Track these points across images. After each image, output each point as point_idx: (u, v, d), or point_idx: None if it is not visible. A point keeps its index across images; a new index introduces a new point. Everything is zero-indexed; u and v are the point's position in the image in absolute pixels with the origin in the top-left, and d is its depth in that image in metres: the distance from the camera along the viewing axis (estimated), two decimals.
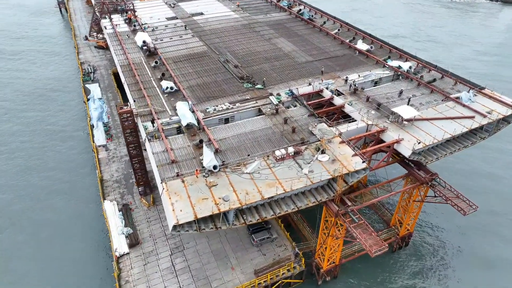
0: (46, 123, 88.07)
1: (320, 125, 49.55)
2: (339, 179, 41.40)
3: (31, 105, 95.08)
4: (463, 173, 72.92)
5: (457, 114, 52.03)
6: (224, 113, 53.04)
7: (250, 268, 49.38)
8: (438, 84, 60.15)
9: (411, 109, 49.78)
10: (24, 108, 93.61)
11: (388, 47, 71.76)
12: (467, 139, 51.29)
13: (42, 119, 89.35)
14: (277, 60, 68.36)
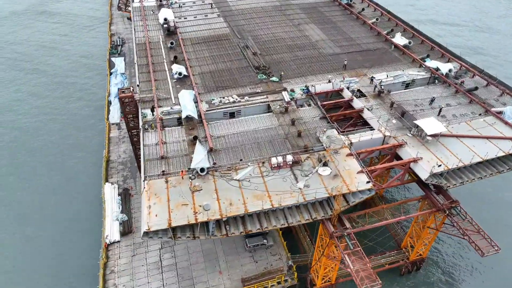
0: (66, 92, 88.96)
1: (329, 131, 44.43)
2: (337, 199, 36.74)
3: (60, 71, 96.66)
4: (493, 201, 63.34)
5: (495, 133, 44.59)
6: (229, 107, 49.21)
7: (239, 274, 46.66)
8: (480, 93, 52.07)
9: (437, 123, 43.06)
10: (52, 73, 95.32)
11: (430, 43, 63.27)
12: (504, 163, 44.04)
13: (63, 87, 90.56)
14: (300, 50, 62.62)
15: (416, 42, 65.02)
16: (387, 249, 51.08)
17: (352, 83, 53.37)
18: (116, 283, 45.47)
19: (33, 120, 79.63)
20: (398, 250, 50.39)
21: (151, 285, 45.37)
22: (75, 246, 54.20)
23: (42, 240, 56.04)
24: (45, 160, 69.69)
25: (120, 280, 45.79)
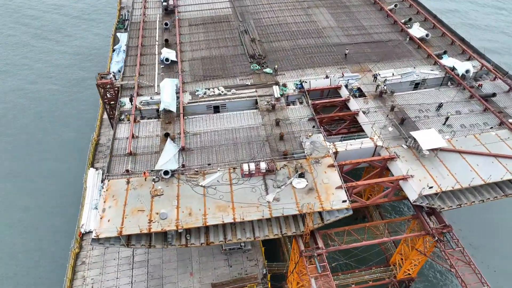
0: (64, 66, 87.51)
1: (315, 136, 40.22)
2: (307, 218, 33.12)
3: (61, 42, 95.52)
4: (495, 227, 55.75)
5: (506, 151, 38.90)
6: (214, 100, 45.69)
7: (210, 278, 44.47)
8: (500, 101, 45.72)
9: (437, 136, 37.82)
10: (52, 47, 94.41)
11: (451, 36, 56.19)
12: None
13: (63, 61, 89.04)
14: (304, 38, 57.28)
15: (436, 34, 58.04)
16: (376, 263, 47.26)
17: (352, 80, 48.15)
18: (85, 276, 44.49)
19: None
20: (386, 267, 46.46)
21: (119, 281, 44.01)
22: (53, 233, 53.74)
23: (22, 225, 55.85)
24: (35, 138, 69.08)
25: (89, 273, 44.72)
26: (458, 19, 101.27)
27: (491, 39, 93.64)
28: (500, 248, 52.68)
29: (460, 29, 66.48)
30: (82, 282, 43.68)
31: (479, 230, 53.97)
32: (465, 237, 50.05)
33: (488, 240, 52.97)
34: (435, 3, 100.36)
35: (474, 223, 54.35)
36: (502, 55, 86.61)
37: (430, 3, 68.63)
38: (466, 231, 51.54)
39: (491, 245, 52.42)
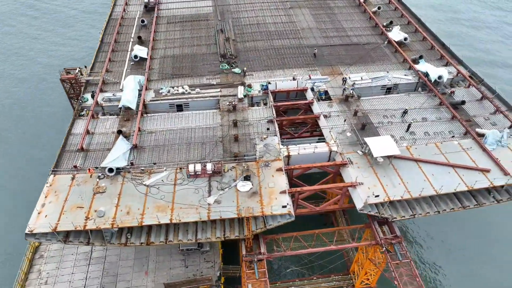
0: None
1: (270, 138, 39.40)
2: (246, 222, 32.40)
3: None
4: (460, 235, 52.75)
5: (465, 161, 37.34)
6: (176, 98, 45.30)
7: (165, 277, 44.03)
8: (469, 108, 44.06)
9: (391, 143, 36.52)
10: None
11: (431, 41, 54.52)
12: (474, 196, 37.05)
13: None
14: (280, 38, 56.40)
15: (417, 38, 56.48)
16: (336, 270, 46.09)
17: (320, 83, 47.10)
18: (41, 269, 44.66)
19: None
20: (346, 275, 45.27)
21: (74, 276, 44.01)
22: (18, 224, 53.93)
23: None
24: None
25: (45, 267, 44.82)
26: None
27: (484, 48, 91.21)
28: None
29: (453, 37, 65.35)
30: (37, 275, 43.77)
31: (465, 242, 51.99)
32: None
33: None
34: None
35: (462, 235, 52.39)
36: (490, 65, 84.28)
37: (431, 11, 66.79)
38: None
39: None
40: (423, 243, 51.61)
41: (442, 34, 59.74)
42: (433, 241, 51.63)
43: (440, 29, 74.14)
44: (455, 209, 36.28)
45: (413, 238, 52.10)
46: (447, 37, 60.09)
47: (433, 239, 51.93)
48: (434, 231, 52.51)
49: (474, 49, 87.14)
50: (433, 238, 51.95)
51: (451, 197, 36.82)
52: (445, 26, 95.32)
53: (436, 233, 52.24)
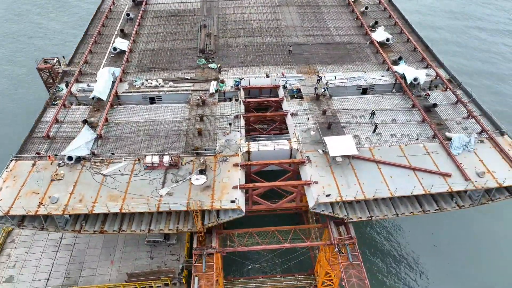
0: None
1: (233, 134, 39.42)
2: (195, 216, 32.52)
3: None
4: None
5: (428, 165, 36.61)
6: (149, 91, 45.73)
7: (129, 268, 44.49)
8: (442, 112, 43.21)
9: (349, 143, 36.09)
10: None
11: (415, 43, 53.62)
12: (437, 200, 36.39)
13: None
14: (261, 35, 56.29)
15: (401, 39, 55.64)
16: (302, 270, 45.80)
17: (293, 81, 46.86)
18: (11, 254, 45.69)
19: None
20: (309, 274, 44.93)
21: (41, 262, 44.90)
22: None
23: None
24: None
25: (15, 251, 45.83)
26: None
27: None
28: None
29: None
30: (6, 259, 44.80)
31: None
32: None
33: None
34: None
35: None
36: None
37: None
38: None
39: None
40: (391, 248, 50.61)
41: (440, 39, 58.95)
42: (401, 247, 50.63)
43: (438, 35, 73.79)
44: (414, 212, 35.74)
45: (383, 242, 51.13)
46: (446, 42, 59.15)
47: (404, 245, 50.98)
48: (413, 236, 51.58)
49: (469, 56, 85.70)
50: (405, 244, 51.02)
51: (412, 201, 36.33)
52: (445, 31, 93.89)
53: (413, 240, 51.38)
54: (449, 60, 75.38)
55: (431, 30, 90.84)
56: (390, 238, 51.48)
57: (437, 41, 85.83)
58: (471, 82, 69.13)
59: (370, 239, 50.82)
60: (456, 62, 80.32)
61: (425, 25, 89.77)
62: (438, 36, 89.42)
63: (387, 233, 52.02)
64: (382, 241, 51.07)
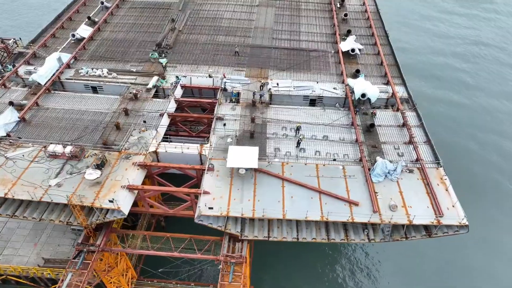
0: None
1: (148, 132, 38.23)
2: (74, 211, 31.73)
3: None
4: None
5: (339, 189, 33.37)
6: (90, 80, 45.61)
7: (50, 253, 44.68)
8: (384, 134, 39.45)
9: (253, 156, 33.58)
10: None
11: (382, 56, 49.55)
12: (347, 229, 33.21)
13: None
14: (226, 35, 54.45)
15: (373, 51, 51.69)
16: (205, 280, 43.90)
17: (234, 83, 44.78)
18: None
19: None
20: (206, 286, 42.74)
21: None
22: None
23: None
24: None
25: None
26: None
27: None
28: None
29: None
30: None
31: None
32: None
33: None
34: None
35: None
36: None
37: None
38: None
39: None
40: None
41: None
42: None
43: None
44: (317, 239, 32.82)
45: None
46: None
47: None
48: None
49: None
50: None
51: (320, 226, 33.42)
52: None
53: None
54: (418, 81, 70.35)
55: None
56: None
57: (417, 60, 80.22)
58: (431, 108, 64.15)
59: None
60: (425, 84, 74.45)
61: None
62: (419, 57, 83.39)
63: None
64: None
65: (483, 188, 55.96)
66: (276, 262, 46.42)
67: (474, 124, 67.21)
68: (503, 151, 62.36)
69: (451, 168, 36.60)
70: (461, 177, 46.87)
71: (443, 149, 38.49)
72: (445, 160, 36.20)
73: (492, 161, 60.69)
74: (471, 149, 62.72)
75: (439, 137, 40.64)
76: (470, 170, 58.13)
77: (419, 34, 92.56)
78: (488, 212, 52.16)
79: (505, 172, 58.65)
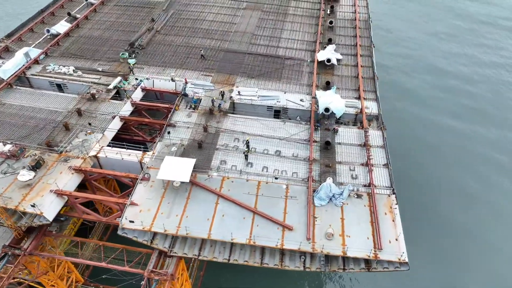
0: None
1: (94, 135, 37.11)
2: None
3: None
4: None
5: (276, 211, 31.15)
6: (54, 77, 45.11)
7: None
8: (341, 152, 36.82)
9: (187, 168, 31.77)
10: None
11: (359, 69, 46.63)
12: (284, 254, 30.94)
13: None
14: (202, 37, 52.73)
15: (353, 62, 48.82)
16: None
17: (198, 89, 43.10)
18: None
19: None
20: None
21: None
22: None
23: None
24: None
25: None
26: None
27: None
28: None
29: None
30: None
31: None
32: None
33: None
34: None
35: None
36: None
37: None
38: None
39: None
40: None
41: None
42: None
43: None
44: (249, 262, 30.67)
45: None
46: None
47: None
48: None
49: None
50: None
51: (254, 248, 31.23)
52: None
53: None
54: (396, 99, 65.54)
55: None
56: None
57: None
58: (403, 128, 59.44)
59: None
60: (402, 103, 68.41)
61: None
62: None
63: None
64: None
65: (435, 219, 51.25)
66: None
67: (443, 152, 61.10)
68: (464, 185, 56.25)
69: (406, 197, 33.67)
70: (415, 207, 43.39)
71: (404, 175, 35.61)
72: (402, 187, 33.34)
73: (451, 192, 55.08)
74: (435, 176, 56.90)
75: (404, 161, 37.36)
76: (427, 201, 53.07)
77: (412, 49, 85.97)
78: (436, 247, 48.17)
79: (459, 207, 53.33)
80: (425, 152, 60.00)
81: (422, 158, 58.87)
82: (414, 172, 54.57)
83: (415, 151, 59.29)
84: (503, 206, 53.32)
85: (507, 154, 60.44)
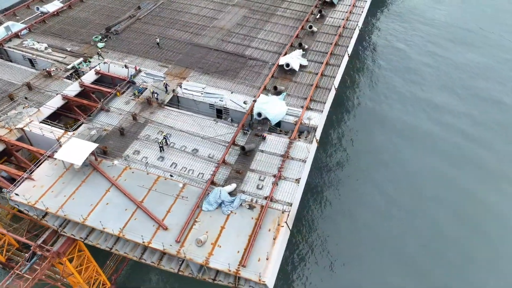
0: None
1: (31, 109, 38.82)
2: None
3: None
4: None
5: (161, 208, 30.53)
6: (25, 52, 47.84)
7: None
8: (258, 160, 35.16)
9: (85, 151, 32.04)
10: None
11: (318, 77, 44.11)
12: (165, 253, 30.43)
13: None
14: (179, 30, 53.00)
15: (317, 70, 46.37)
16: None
17: (148, 78, 43.42)
18: None
19: None
20: None
21: None
22: None
23: None
24: None
25: None
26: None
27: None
28: None
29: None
30: None
31: None
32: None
33: None
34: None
35: None
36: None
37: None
38: None
39: None
40: None
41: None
42: None
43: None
44: (129, 255, 30.43)
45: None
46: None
47: None
48: None
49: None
50: None
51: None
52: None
53: None
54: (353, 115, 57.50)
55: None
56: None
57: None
58: (344, 145, 50.58)
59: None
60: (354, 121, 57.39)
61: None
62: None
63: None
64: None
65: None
66: None
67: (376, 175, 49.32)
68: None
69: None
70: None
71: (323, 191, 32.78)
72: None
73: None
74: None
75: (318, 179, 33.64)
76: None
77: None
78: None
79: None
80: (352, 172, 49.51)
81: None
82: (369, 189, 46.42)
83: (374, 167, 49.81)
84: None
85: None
